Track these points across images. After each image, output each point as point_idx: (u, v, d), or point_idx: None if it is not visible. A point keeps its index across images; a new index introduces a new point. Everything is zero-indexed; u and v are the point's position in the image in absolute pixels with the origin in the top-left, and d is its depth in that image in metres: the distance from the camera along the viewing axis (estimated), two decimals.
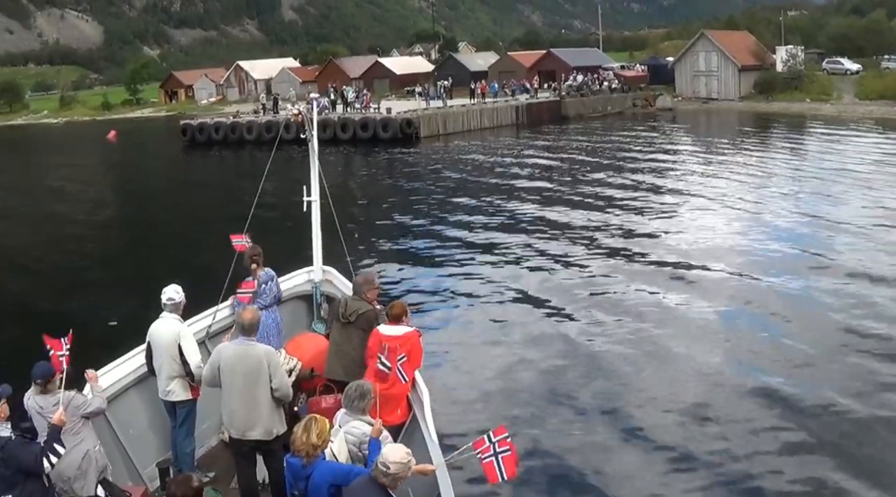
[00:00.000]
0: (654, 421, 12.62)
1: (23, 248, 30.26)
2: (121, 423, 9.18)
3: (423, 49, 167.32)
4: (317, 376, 9.75)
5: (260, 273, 10.68)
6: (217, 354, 8.25)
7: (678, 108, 79.25)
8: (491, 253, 24.26)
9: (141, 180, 52.86)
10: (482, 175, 41.80)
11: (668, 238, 25.13)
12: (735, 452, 11.56)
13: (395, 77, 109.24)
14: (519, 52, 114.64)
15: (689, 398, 13.38)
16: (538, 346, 16.06)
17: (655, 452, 11.73)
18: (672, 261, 22.11)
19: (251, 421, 7.99)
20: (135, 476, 9.11)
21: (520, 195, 34.54)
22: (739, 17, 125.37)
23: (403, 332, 8.93)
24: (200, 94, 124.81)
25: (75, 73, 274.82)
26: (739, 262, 21.68)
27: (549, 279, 21.10)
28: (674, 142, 53.64)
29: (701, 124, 69.35)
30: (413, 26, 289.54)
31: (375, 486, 6.19)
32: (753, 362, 14.76)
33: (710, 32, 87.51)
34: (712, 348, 15.59)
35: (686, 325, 16.93)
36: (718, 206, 30.16)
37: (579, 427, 12.57)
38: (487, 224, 28.90)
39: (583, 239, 25.40)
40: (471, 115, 67.22)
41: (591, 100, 77.84)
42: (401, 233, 28.27)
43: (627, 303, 18.50)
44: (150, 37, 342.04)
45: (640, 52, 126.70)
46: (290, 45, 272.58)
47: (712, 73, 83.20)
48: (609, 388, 14.00)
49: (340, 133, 61.54)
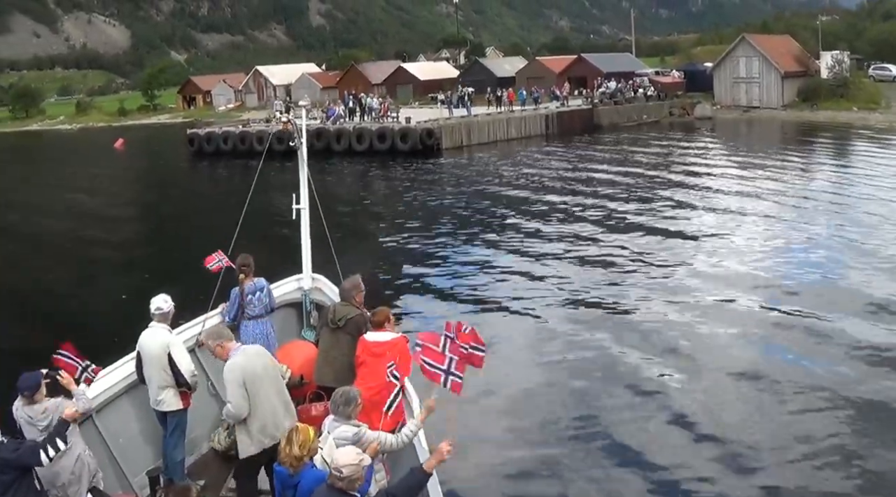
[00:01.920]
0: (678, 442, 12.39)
1: (10, 259, 30.03)
2: (110, 432, 9.25)
3: (449, 54, 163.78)
4: (307, 384, 9.82)
5: (248, 284, 10.60)
6: (238, 371, 7.82)
7: (717, 116, 75.00)
8: (511, 276, 22.78)
9: (139, 192, 50.17)
10: (505, 191, 38.15)
11: (703, 262, 23.29)
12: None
13: (418, 83, 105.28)
14: (548, 58, 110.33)
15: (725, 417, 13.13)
16: (550, 358, 15.98)
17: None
18: (702, 285, 20.71)
19: (292, 421, 7.97)
20: (125, 484, 9.16)
21: (545, 213, 31.91)
22: (773, 22, 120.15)
23: (390, 338, 8.83)
24: (218, 100, 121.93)
25: (102, 77, 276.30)
26: (777, 291, 20.04)
27: (572, 300, 20.10)
28: (713, 155, 49.41)
29: (742, 135, 65.29)
30: (440, 31, 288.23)
31: (334, 492, 6.19)
32: (794, 388, 14.09)
33: (752, 37, 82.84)
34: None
35: (712, 356, 15.92)
36: (762, 230, 27.53)
37: (590, 439, 12.54)
38: (508, 244, 26.89)
39: (613, 266, 23.17)
40: (496, 124, 62.66)
41: (626, 108, 73.47)
42: (417, 259, 26.30)
43: (650, 331, 17.25)
44: (177, 41, 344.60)
45: (672, 57, 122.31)
46: (317, 51, 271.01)
47: (753, 80, 78.74)
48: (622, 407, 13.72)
49: (356, 144, 57.50)
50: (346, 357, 9.20)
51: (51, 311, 21.52)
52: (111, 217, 39.23)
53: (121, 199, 46.40)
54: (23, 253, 31.01)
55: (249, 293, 10.57)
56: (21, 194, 48.67)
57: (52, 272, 27.06)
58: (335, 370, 9.32)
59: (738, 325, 17.46)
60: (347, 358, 9.16)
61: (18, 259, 29.88)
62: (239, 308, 10.61)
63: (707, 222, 28.98)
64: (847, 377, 14.36)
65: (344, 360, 9.26)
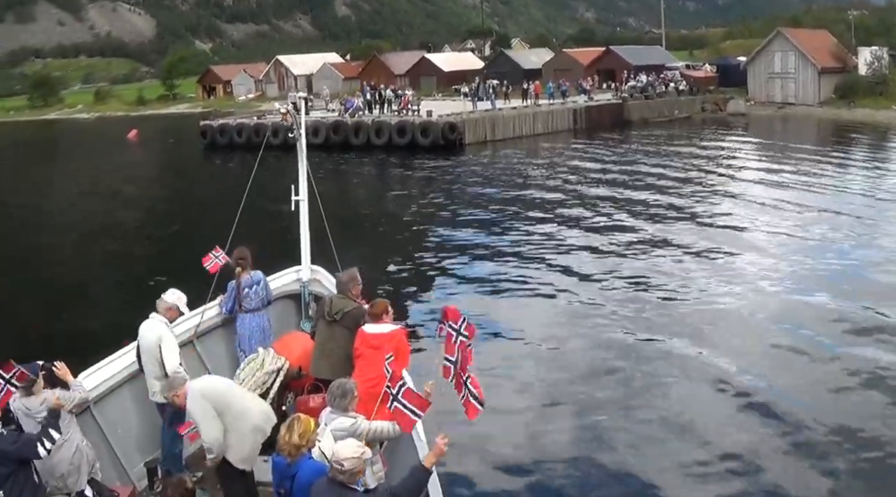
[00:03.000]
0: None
1: (13, 249, 30.04)
2: (109, 423, 9.26)
3: (475, 45, 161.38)
4: (305, 375, 9.68)
5: (244, 277, 10.66)
6: (201, 402, 7.73)
7: (751, 113, 72.30)
8: (526, 277, 22.12)
9: (143, 185, 48.05)
10: (529, 193, 35.95)
11: (733, 272, 21.93)
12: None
13: (442, 74, 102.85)
14: (575, 50, 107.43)
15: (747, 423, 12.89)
16: (563, 358, 15.88)
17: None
18: (734, 284, 20.26)
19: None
20: (123, 476, 9.14)
21: (568, 220, 29.83)
22: (804, 16, 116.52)
23: (389, 330, 8.80)
24: (239, 89, 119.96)
25: (126, 66, 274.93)
26: (811, 292, 19.45)
27: (595, 303, 19.49)
28: (749, 156, 46.98)
29: (776, 133, 62.47)
30: (466, 22, 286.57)
31: (335, 485, 6.20)
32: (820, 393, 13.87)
33: (787, 30, 79.91)
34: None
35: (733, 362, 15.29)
36: (795, 231, 26.40)
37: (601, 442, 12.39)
38: (526, 244, 25.91)
39: (644, 279, 21.49)
40: (522, 119, 60.06)
41: (657, 103, 70.86)
42: (425, 255, 25.76)
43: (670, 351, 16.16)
44: (202, 31, 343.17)
45: (700, 51, 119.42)
46: (342, 41, 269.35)
47: (789, 76, 76.03)
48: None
49: (374, 138, 55.13)
50: (343, 350, 9.19)
51: (48, 302, 21.48)
52: (112, 210, 38.47)
53: (123, 192, 44.71)
54: (19, 244, 30.82)
55: (246, 286, 10.63)
56: (21, 186, 47.69)
57: (49, 264, 26.86)
58: (332, 363, 9.27)
59: (775, 325, 17.18)
60: (344, 351, 9.16)
61: (15, 251, 29.59)
62: (236, 301, 10.68)
63: (741, 226, 27.45)
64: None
65: (341, 353, 9.24)
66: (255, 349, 9.61)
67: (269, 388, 9.07)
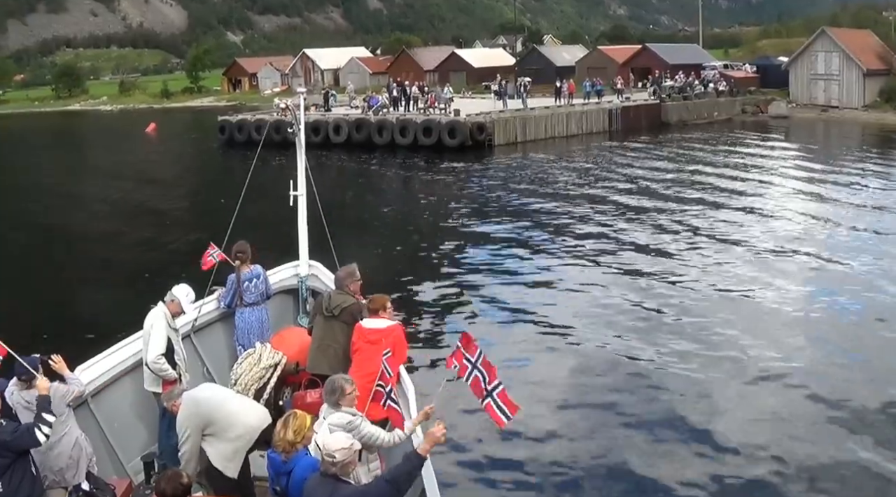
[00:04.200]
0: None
1: (16, 246, 29.92)
2: (105, 416, 9.26)
3: (506, 41, 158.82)
4: (302, 371, 9.65)
5: (244, 271, 10.64)
6: (188, 419, 7.86)
7: (793, 116, 69.09)
8: (540, 284, 21.33)
9: (153, 181, 45.98)
10: (560, 203, 33.27)
11: (774, 282, 20.71)
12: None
13: (472, 70, 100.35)
14: (610, 47, 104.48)
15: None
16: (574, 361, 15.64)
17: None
18: (773, 302, 19.04)
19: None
20: (119, 469, 9.17)
21: (605, 233, 27.30)
22: (843, 16, 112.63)
23: (386, 326, 8.78)
24: (264, 83, 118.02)
25: (157, 57, 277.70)
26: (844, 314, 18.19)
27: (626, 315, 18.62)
28: (795, 163, 43.67)
29: (819, 138, 59.53)
30: (498, 17, 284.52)
31: (327, 479, 6.15)
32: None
33: (832, 30, 76.38)
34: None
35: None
36: (839, 249, 24.29)
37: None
38: (546, 252, 24.81)
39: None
40: (555, 119, 57.18)
41: (696, 104, 67.74)
42: (436, 258, 24.94)
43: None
44: (233, 22, 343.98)
45: (735, 50, 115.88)
46: (373, 34, 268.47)
47: (833, 77, 72.53)
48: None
49: (399, 137, 52.63)
50: (341, 346, 9.18)
51: (46, 299, 21.50)
52: (117, 205, 38.36)
53: (130, 188, 43.42)
54: (17, 241, 30.78)
55: (246, 280, 10.59)
56: (25, 182, 46.85)
57: (48, 261, 26.83)
58: (329, 359, 9.19)
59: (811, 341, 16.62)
60: (342, 346, 9.15)
61: (15, 246, 29.75)
62: (235, 295, 10.61)
63: (782, 249, 24.77)
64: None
65: (338, 349, 9.20)
66: (254, 344, 9.82)
67: (266, 383, 9.24)
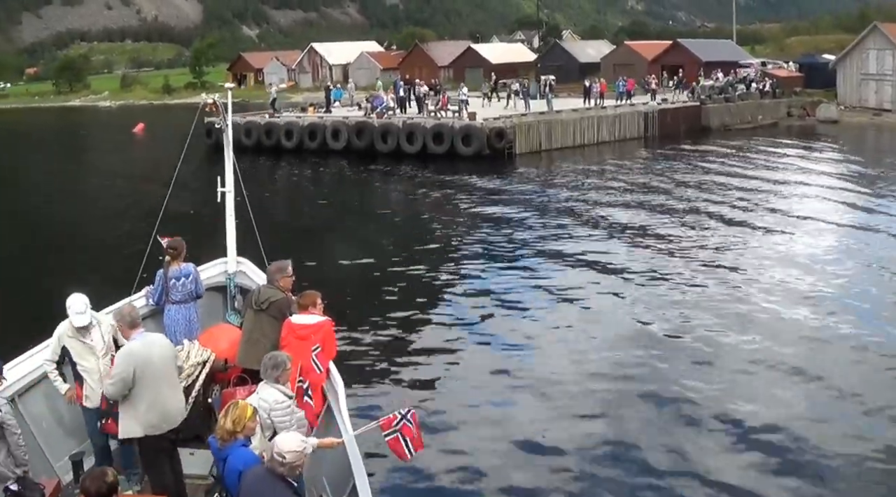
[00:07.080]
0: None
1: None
2: (32, 417, 9.24)
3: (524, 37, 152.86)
4: (231, 368, 9.76)
5: (173, 268, 10.50)
6: (130, 356, 8.00)
7: (843, 120, 62.59)
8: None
9: (121, 189, 42.31)
10: (600, 229, 27.72)
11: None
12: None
13: (489, 66, 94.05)
14: (637, 42, 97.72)
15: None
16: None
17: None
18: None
19: (179, 410, 8.24)
20: (48, 469, 9.13)
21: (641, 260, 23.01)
22: (873, 12, 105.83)
23: (315, 321, 8.98)
24: (270, 78, 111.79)
25: (171, 50, 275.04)
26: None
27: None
28: (852, 180, 36.98)
29: (868, 147, 53.32)
30: (516, 12, 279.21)
31: (272, 477, 6.17)
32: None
33: (885, 26, 69.54)
34: None
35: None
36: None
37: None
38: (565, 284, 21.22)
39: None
40: (584, 124, 50.31)
41: (739, 106, 60.99)
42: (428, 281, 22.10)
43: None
44: (249, 16, 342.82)
45: (762, 47, 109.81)
46: (390, 29, 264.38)
47: (886, 78, 66.04)
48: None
49: (406, 144, 45.97)
50: (269, 340, 9.25)
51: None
52: (70, 210, 37.12)
53: (91, 195, 41.53)
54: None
55: (174, 278, 10.44)
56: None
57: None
58: (258, 353, 8.94)
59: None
60: (270, 340, 9.23)
61: None
62: (163, 292, 10.49)
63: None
64: None
65: (267, 343, 9.23)
66: (181, 341, 9.63)
67: (194, 381, 9.17)
